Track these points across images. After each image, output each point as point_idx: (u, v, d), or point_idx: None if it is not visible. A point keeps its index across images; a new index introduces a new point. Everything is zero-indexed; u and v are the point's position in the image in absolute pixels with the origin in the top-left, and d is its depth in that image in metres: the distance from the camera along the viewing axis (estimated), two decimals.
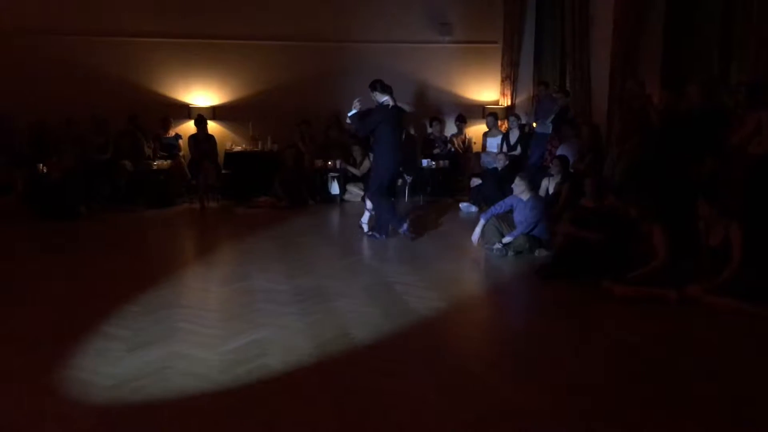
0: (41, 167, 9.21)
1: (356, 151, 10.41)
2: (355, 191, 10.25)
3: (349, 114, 7.48)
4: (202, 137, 10.34)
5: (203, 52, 10.83)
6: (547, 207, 7.19)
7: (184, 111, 10.87)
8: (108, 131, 10.22)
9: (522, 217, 6.76)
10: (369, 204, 7.72)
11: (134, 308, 5.02)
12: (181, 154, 10.52)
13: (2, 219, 8.47)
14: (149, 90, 10.77)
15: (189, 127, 10.70)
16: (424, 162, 10.35)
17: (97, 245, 7.27)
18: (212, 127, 10.74)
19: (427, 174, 10.48)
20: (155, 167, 9.97)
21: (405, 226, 7.45)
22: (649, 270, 5.46)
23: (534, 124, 10.31)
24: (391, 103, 7.37)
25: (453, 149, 10.93)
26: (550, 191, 8.01)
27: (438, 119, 10.99)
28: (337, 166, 10.23)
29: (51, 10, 10.30)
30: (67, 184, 8.73)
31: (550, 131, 9.58)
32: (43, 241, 7.54)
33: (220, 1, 10.76)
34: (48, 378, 3.79)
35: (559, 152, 8.50)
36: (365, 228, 7.69)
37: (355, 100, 7.43)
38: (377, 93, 7.38)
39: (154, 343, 4.34)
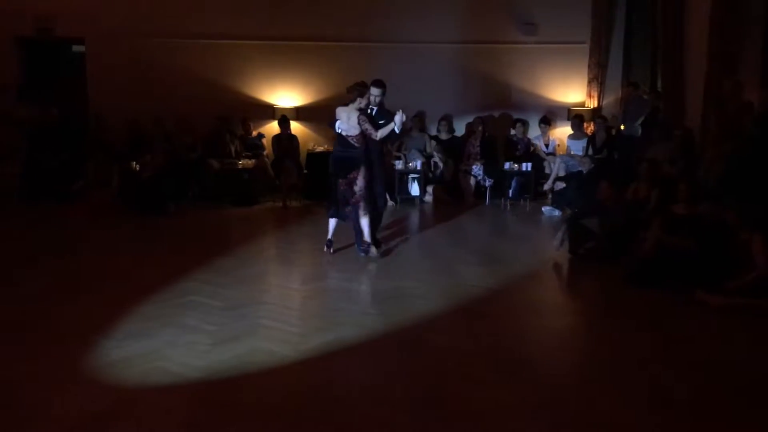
0: (134, 165, 9.59)
1: (438, 154, 10.37)
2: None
3: (398, 130, 6.56)
4: (285, 137, 10.54)
5: (288, 53, 11.02)
6: (635, 212, 6.93)
7: (269, 111, 11.09)
8: (196, 131, 10.56)
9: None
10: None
11: (218, 303, 5.13)
12: (265, 153, 10.74)
13: (99, 212, 8.89)
14: (236, 91, 11.05)
15: (273, 127, 10.91)
16: (506, 165, 10.18)
17: (183, 242, 7.47)
18: (295, 127, 10.93)
19: (509, 177, 10.30)
20: (240, 166, 10.21)
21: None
22: (748, 281, 5.17)
23: (622, 127, 9.98)
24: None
25: (536, 152, 10.71)
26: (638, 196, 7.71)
27: (521, 121, 10.80)
28: (418, 167, 10.21)
29: (143, 14, 10.72)
30: (157, 181, 9.05)
31: (638, 134, 9.24)
32: (132, 236, 7.83)
33: (305, 3, 10.91)
34: (139, 368, 3.92)
35: (648, 156, 8.18)
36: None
37: (399, 113, 6.49)
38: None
39: (238, 338, 4.42)
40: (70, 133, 10.22)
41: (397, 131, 6.57)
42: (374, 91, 6.77)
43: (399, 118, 6.45)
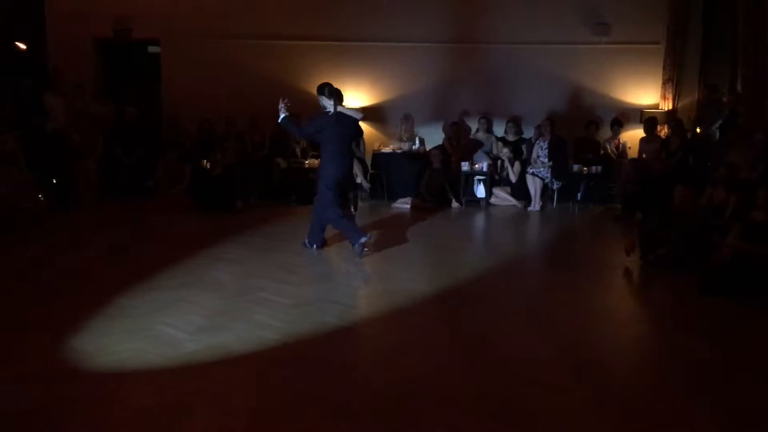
0: (205, 162, 9.83)
1: (505, 155, 10.25)
2: (502, 195, 10.10)
3: (279, 120, 6.97)
4: None
5: (356, 54, 11.10)
6: (711, 218, 6.68)
7: None
8: (264, 130, 10.74)
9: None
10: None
11: (286, 300, 5.20)
12: None
13: (170, 209, 9.14)
14: (304, 91, 11.16)
15: None
16: (575, 167, 10.00)
17: (250, 239, 7.57)
18: (361, 127, 10.98)
19: (578, 179, 10.10)
20: (306, 166, 10.34)
21: (359, 244, 6.62)
22: None
23: (698, 130, 9.65)
24: (331, 109, 6.73)
25: (606, 154, 10.47)
26: (715, 201, 7.44)
27: (592, 123, 10.58)
28: (484, 168, 10.13)
29: (215, 17, 10.99)
30: (226, 179, 9.26)
31: (716, 138, 8.92)
32: (202, 232, 8.02)
33: (374, 5, 10.96)
34: (209, 361, 4.00)
35: (726, 160, 7.87)
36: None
37: (281, 104, 6.92)
38: (324, 98, 6.81)
39: (306, 336, 4.47)
40: (146, 132, 10.56)
41: (279, 120, 6.99)
42: None
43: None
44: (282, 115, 6.90)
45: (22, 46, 10.28)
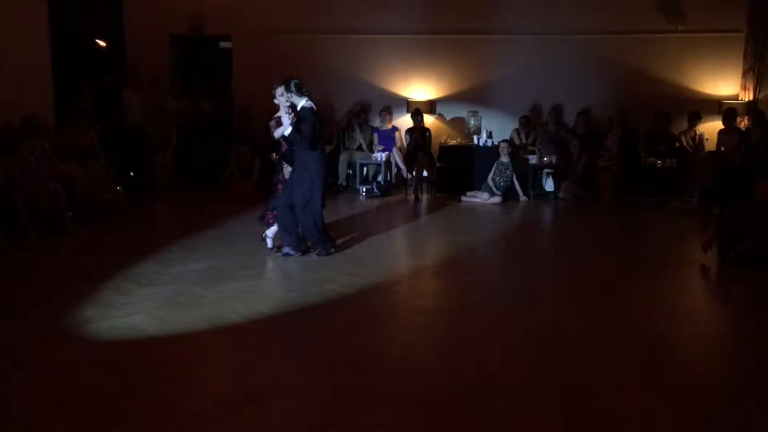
0: (274, 156, 9.97)
1: (574, 147, 10.05)
2: (570, 188, 9.89)
3: (287, 133, 6.16)
4: (418, 130, 10.60)
5: (423, 47, 11.04)
6: None
7: (403, 104, 11.19)
8: (332, 124, 10.83)
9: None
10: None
11: (352, 292, 5.24)
12: (398, 146, 10.85)
13: (242, 201, 9.27)
14: (371, 84, 11.22)
15: (406, 120, 11.00)
16: (648, 160, 9.71)
17: None
18: (428, 120, 10.95)
19: (651, 172, 9.81)
20: (373, 159, 10.38)
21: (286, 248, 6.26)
22: None
23: None
24: (306, 104, 6.29)
25: (682, 147, 10.13)
26: None
27: (665, 114, 10.23)
28: (552, 161, 9.95)
29: (285, 12, 11.13)
30: None
31: None
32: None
33: None
34: (279, 352, 4.08)
35: None
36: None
37: (286, 115, 6.17)
38: (292, 94, 6.32)
39: (373, 329, 4.49)
40: (219, 125, 10.80)
41: (286, 133, 6.17)
42: None
43: (287, 120, 6.12)
44: (290, 129, 6.12)
45: (102, 43, 10.68)
